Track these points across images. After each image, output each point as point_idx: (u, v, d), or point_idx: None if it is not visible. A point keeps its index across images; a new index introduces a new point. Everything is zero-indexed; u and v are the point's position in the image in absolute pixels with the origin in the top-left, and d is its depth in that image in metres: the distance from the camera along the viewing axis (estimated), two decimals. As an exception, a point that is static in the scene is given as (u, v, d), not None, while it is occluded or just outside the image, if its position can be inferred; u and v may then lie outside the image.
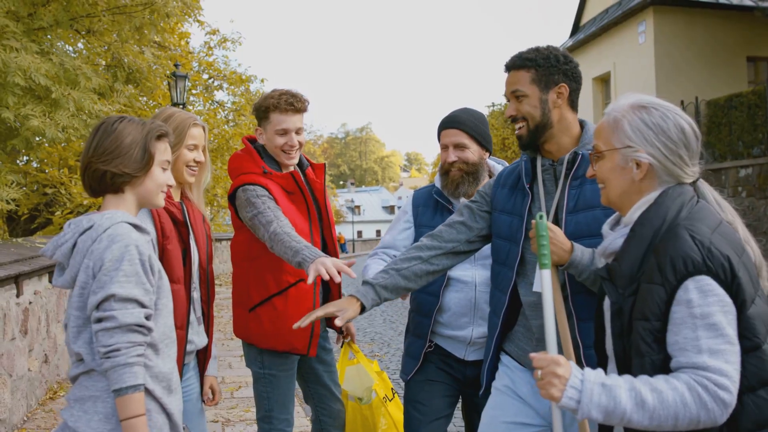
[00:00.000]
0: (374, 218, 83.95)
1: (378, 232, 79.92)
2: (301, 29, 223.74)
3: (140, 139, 2.22)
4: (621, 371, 1.90)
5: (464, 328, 3.14)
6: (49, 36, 7.65)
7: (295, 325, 2.59)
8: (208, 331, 2.96)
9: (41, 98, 6.91)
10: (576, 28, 21.75)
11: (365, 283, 2.70)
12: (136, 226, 2.17)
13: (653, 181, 1.96)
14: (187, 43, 16.34)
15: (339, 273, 2.67)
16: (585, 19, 21.35)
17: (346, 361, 3.78)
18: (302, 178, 3.36)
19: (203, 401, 3.01)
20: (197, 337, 2.83)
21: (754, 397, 1.78)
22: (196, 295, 2.83)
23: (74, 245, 2.14)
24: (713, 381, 1.69)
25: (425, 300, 3.18)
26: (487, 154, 3.26)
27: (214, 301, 2.98)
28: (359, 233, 77.72)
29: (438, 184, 3.29)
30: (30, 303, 6.06)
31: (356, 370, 3.71)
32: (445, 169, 3.21)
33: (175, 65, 13.05)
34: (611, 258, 2.00)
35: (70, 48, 9.09)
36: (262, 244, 3.08)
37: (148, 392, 2.11)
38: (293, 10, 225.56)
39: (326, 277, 2.62)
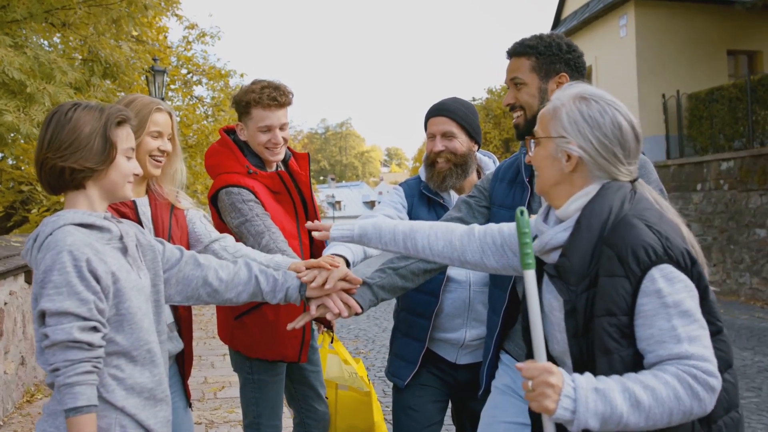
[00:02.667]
0: (355, 213, 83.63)
1: (359, 228, 79.51)
2: (280, 23, 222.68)
3: (99, 127, 2.01)
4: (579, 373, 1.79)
5: (457, 330, 3.00)
6: (23, 30, 7.45)
7: (290, 326, 2.49)
8: (185, 335, 2.79)
9: (15, 93, 6.73)
10: (557, 21, 21.75)
11: (362, 283, 2.60)
12: (87, 225, 1.98)
13: (585, 175, 1.89)
14: (166, 37, 16.12)
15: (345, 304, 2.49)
16: (566, 13, 21.37)
17: (326, 349, 3.69)
18: (289, 177, 3.20)
19: (190, 406, 2.86)
20: (169, 343, 2.67)
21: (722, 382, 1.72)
22: None
23: (32, 253, 1.99)
24: (701, 369, 1.64)
25: (422, 300, 2.99)
26: (476, 147, 3.10)
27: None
28: (340, 229, 77.26)
29: (423, 177, 3.12)
30: (5, 304, 5.89)
31: (336, 359, 3.65)
32: (431, 160, 3.04)
33: (154, 60, 12.84)
34: (553, 254, 1.91)
35: (46, 42, 8.88)
36: None
37: (118, 409, 1.95)
38: (272, 4, 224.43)
39: (335, 311, 2.45)
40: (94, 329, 1.88)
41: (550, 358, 1.91)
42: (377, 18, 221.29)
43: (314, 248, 3.26)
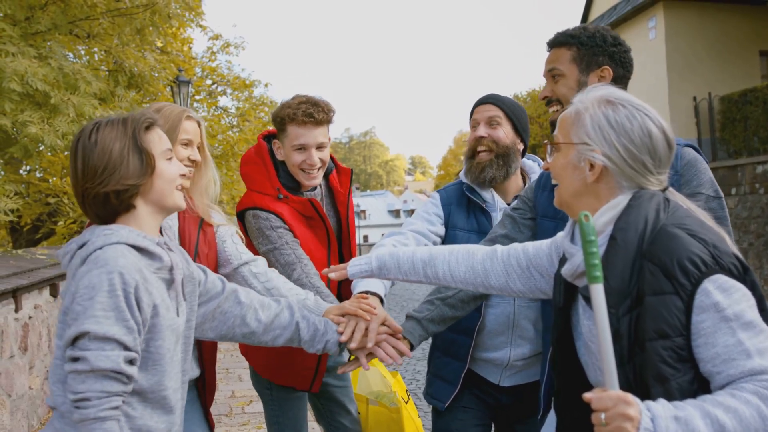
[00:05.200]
0: (380, 222, 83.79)
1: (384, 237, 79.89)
2: (304, 33, 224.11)
3: (128, 140, 1.86)
4: None
5: (500, 349, 2.78)
6: (49, 42, 7.41)
7: (340, 370, 2.48)
8: (207, 359, 2.64)
9: (40, 104, 6.66)
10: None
11: (410, 317, 2.46)
12: (140, 249, 1.82)
13: (610, 185, 1.72)
14: (190, 48, 16.15)
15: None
16: (593, 16, 21.09)
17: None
18: (321, 204, 2.99)
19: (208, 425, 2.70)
20: None
21: None
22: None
23: (71, 259, 1.84)
24: None
25: None
26: (522, 146, 2.90)
27: None
28: (365, 237, 77.48)
29: (464, 177, 2.92)
30: (30, 318, 5.79)
31: (370, 372, 3.46)
32: (472, 150, 2.85)
33: (179, 70, 12.82)
34: (585, 277, 1.70)
35: (71, 54, 8.86)
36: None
37: None
38: (296, 14, 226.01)
39: (388, 362, 2.38)
40: (133, 362, 1.73)
41: (589, 389, 1.66)
42: (401, 27, 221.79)
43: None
